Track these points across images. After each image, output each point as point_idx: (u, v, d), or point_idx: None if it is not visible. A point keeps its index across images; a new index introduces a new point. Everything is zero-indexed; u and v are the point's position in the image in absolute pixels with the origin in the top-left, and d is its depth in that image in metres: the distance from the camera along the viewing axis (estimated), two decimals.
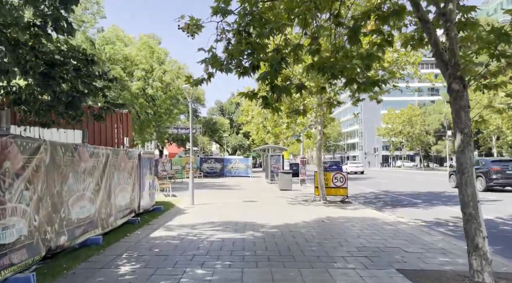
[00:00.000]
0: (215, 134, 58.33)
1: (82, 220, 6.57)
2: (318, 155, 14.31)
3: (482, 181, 18.73)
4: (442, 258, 6.00)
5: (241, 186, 22.98)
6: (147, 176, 10.83)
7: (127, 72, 25.23)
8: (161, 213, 11.16)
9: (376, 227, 8.83)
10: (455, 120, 5.21)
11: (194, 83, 6.63)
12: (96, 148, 7.31)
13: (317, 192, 14.48)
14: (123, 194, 8.89)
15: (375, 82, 5.29)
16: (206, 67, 6.52)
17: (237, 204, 13.61)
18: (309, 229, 8.64)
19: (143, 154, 10.54)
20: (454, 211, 12.01)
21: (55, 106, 5.63)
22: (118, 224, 8.35)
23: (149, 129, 30.36)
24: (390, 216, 11.11)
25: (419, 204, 14.07)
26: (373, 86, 5.28)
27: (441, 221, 10.35)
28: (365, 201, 15.28)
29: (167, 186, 16.69)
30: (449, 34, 5.18)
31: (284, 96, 6.84)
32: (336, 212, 11.52)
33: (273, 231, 8.39)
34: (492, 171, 18.63)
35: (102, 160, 7.53)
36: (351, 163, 47.64)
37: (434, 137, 55.41)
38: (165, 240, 7.40)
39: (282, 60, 5.39)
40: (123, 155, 8.89)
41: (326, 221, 9.74)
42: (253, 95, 6.57)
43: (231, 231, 8.36)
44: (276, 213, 11.29)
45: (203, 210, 11.97)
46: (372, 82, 5.26)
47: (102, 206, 7.52)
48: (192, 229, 8.59)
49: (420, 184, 24.87)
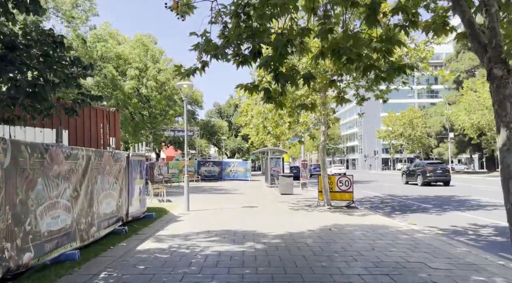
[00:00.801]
0: (213, 137, 57.42)
1: (55, 232, 5.66)
2: (322, 157, 13.42)
3: (420, 178, 25.19)
4: (476, 276, 5.10)
5: (240, 190, 22.06)
6: (137, 180, 9.92)
7: (119, 71, 24.25)
8: (153, 220, 10.24)
9: (390, 237, 7.93)
10: (498, 112, 4.30)
11: (186, 73, 5.74)
12: (74, 149, 6.41)
13: (321, 196, 13.59)
14: (108, 200, 7.98)
15: (400, 67, 4.40)
16: (199, 55, 5.66)
17: (235, 210, 12.70)
18: (316, 239, 7.73)
19: (133, 156, 9.63)
20: (469, 217, 11.13)
21: (18, 98, 4.72)
22: (101, 234, 7.43)
23: (144, 131, 29.39)
24: (401, 222, 10.23)
25: (429, 209, 13.18)
26: (397, 73, 4.41)
27: (459, 228, 9.46)
28: (371, 206, 14.39)
29: (161, 191, 15.76)
30: (488, 10, 4.30)
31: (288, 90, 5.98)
32: (343, 218, 10.63)
33: (275, 241, 7.48)
34: (426, 170, 24.76)
35: (81, 162, 6.63)
36: (334, 166, 56.65)
37: (436, 140, 54.57)
38: (153, 253, 6.49)
39: (288, 43, 4.52)
40: (108, 157, 7.98)
41: (334, 230, 8.84)
42: (253, 87, 5.71)
43: (229, 242, 7.45)
44: (278, 220, 10.39)
45: (198, 217, 11.05)
46: (397, 67, 4.38)
47: (82, 215, 6.61)
48: (185, 239, 7.68)
49: (425, 188, 23.98)
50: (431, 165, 25.88)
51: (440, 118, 52.58)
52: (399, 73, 4.43)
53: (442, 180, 24.85)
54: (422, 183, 24.92)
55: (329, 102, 10.50)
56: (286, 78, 4.61)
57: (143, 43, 25.46)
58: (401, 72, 4.45)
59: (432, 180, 24.67)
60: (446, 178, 24.89)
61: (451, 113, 42.03)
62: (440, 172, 24.77)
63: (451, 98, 50.31)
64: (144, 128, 28.85)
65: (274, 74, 4.69)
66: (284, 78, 4.61)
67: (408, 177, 27.53)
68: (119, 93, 22.15)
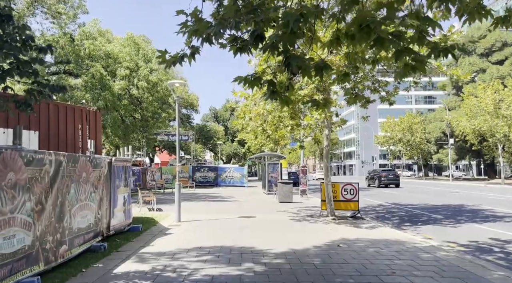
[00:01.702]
0: (209, 141, 56.29)
1: (8, 256, 4.58)
2: (326, 163, 12.40)
3: (377, 181, 31.99)
4: None
5: (236, 198, 20.97)
6: (121, 188, 8.83)
7: (109, 71, 23.01)
8: (139, 234, 9.14)
9: (408, 255, 6.90)
10: None
11: (172, 61, 4.73)
12: (38, 153, 5.34)
13: (324, 205, 12.53)
14: (85, 213, 6.89)
15: (446, 49, 3.41)
16: (188, 39, 4.65)
17: (231, 220, 11.62)
18: (324, 258, 6.69)
19: (116, 161, 8.56)
20: (489, 231, 10.13)
21: None
22: (74, 253, 6.33)
23: (136, 135, 28.14)
24: (415, 236, 9.23)
25: (441, 221, 12.17)
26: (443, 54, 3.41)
27: (482, 245, 8.45)
28: (377, 216, 13.38)
29: (151, 199, 14.65)
30: None
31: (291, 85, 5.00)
32: (351, 231, 9.60)
33: (278, 262, 6.43)
34: (382, 175, 31.98)
35: (49, 169, 5.56)
36: (318, 171, 61.86)
37: (435, 146, 53.74)
38: (132, 279, 5.41)
39: (302, 17, 3.51)
40: (85, 162, 6.92)
41: (343, 246, 7.80)
42: (255, 80, 4.71)
43: (224, 262, 6.39)
44: (279, 233, 9.34)
45: (190, 229, 9.97)
46: (442, 49, 3.38)
47: (48, 231, 5.53)
48: (172, 259, 6.60)
49: (429, 195, 23.03)
50: (385, 171, 33.90)
51: (440, 124, 51.82)
52: (445, 55, 3.43)
53: (393, 182, 31.81)
54: (378, 185, 31.59)
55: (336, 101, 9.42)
56: (300, 62, 3.59)
57: (134, 41, 24.26)
58: (447, 55, 3.45)
59: (386, 183, 31.40)
60: (396, 181, 31.93)
61: (452, 119, 41.25)
62: (392, 177, 31.96)
63: (450, 103, 49.60)
64: (136, 131, 27.60)
65: (283, 58, 3.68)
66: (297, 61, 3.59)
67: (369, 180, 34.27)
68: (107, 94, 20.91)
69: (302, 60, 3.67)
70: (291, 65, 3.61)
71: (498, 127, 34.35)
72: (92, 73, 20.85)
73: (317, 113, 9.42)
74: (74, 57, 20.70)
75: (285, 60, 3.67)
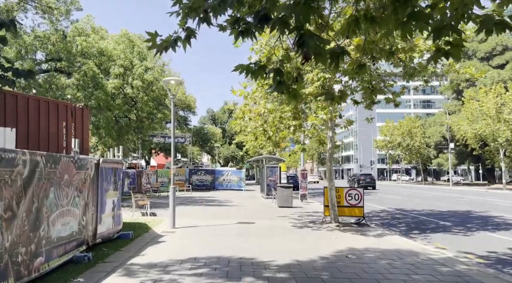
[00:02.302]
0: (206, 144, 55.53)
1: None
2: (329, 166, 11.73)
3: (357, 184, 36.66)
4: None
5: (234, 202, 20.24)
6: (110, 192, 8.12)
7: (102, 69, 22.19)
8: (129, 241, 8.42)
9: (426, 269, 6.23)
10: None
11: (164, 45, 4.10)
12: (8, 152, 4.65)
13: (327, 211, 11.85)
14: (66, 219, 6.19)
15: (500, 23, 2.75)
16: (182, 20, 4.02)
17: (229, 227, 10.92)
18: (333, 272, 6.00)
19: (105, 162, 7.86)
20: (505, 240, 9.50)
21: None
22: (52, 266, 5.62)
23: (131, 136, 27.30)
24: (427, 245, 8.60)
25: (451, 228, 11.51)
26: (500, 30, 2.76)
27: (502, 256, 7.79)
28: (382, 223, 12.71)
29: (145, 203, 13.93)
30: None
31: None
32: (358, 240, 8.92)
33: (282, 276, 5.74)
34: (360, 179, 38.68)
35: (22, 170, 4.86)
36: (309, 175, 63.45)
37: (435, 150, 53.20)
38: None
39: None
40: (67, 163, 6.22)
41: (352, 257, 7.12)
42: (258, 69, 4.08)
43: (221, 276, 5.70)
44: (281, 242, 8.65)
45: (185, 236, 9.26)
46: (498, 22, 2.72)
47: (20, 242, 4.82)
48: (164, 272, 5.90)
49: (432, 201, 22.40)
50: (363, 175, 41.38)
51: (440, 128, 51.31)
52: (500, 31, 2.78)
53: (370, 185, 37.21)
54: (358, 186, 34.99)
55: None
56: (318, 40, 2.92)
57: (129, 38, 23.48)
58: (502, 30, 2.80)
59: (364, 185, 35.41)
60: (373, 184, 37.94)
61: (452, 123, 40.74)
62: (369, 180, 38.09)
63: (451, 108, 49.12)
64: (130, 133, 26.75)
65: (297, 37, 3.01)
66: (314, 40, 2.92)
67: (350, 182, 41.09)
68: (100, 93, 20.08)
69: (320, 39, 3.00)
70: (306, 45, 2.94)
71: (500, 131, 33.84)
72: (84, 71, 20.07)
73: (323, 113, 8.80)
74: (66, 55, 19.93)
75: (298, 39, 2.99)
